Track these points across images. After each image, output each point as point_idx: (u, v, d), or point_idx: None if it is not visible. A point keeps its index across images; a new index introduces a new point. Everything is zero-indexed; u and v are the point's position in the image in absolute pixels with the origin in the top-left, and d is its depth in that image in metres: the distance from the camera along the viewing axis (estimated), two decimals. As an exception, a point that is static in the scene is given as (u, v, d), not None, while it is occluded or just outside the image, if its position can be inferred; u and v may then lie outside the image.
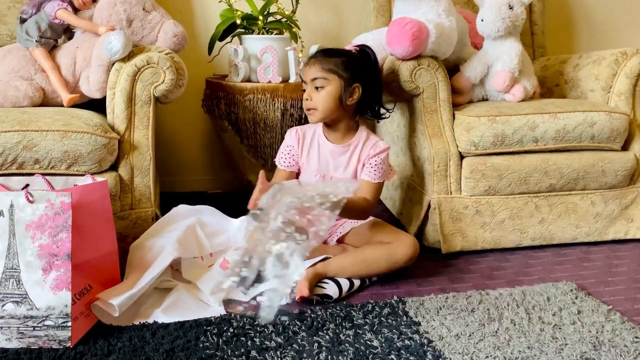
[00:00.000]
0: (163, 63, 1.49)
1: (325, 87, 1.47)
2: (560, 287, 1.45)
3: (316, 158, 1.55)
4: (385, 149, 1.53)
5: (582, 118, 1.69)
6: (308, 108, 1.49)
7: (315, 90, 1.48)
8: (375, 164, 1.52)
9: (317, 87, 1.47)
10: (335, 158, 1.54)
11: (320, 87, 1.47)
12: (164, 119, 2.23)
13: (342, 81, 1.48)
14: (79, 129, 1.39)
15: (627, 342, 1.20)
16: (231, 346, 1.17)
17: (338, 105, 1.49)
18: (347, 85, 1.48)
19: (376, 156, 1.52)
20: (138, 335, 1.19)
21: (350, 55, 1.52)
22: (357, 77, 1.49)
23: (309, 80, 1.48)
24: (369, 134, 1.56)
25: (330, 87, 1.47)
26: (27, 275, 1.14)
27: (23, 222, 1.14)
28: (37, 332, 1.13)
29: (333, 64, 1.47)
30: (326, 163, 1.55)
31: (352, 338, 1.20)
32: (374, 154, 1.52)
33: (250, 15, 1.95)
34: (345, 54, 1.51)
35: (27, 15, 1.63)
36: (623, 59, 1.80)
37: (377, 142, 1.54)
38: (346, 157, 1.54)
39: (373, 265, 1.45)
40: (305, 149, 1.57)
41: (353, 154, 1.54)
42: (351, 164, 1.54)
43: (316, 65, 1.47)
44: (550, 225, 1.75)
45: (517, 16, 1.77)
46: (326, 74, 1.47)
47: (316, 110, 1.48)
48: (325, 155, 1.55)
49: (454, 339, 1.20)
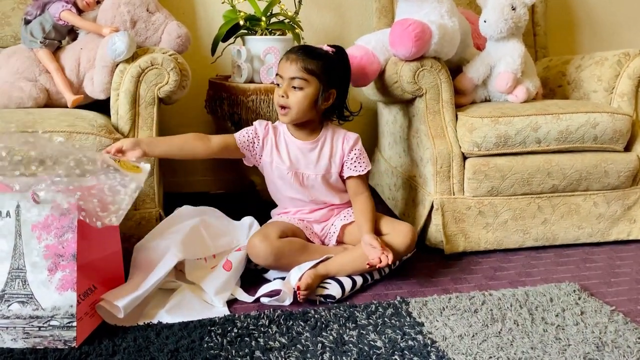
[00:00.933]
0: (167, 64, 1.50)
1: (304, 89, 1.43)
2: (563, 287, 1.45)
3: (286, 156, 1.52)
4: (357, 139, 1.54)
5: (584, 119, 1.69)
6: (282, 105, 1.45)
7: (293, 90, 1.44)
8: (355, 157, 1.52)
9: (295, 86, 1.43)
10: (305, 155, 1.53)
11: (298, 88, 1.43)
12: (167, 120, 2.23)
13: (320, 85, 1.44)
14: (84, 130, 1.39)
15: (630, 342, 1.20)
16: (235, 346, 1.17)
17: (312, 108, 1.46)
18: (324, 90, 1.45)
19: (353, 149, 1.52)
20: (143, 336, 1.20)
21: (331, 59, 1.48)
22: (334, 81, 1.48)
23: (287, 77, 1.44)
24: (335, 129, 1.55)
25: (309, 89, 1.44)
26: (33, 275, 1.14)
27: (29, 223, 1.15)
28: (42, 332, 1.14)
29: (315, 65, 1.43)
30: (297, 160, 1.53)
31: (355, 338, 1.21)
32: (350, 148, 1.52)
33: (253, 16, 1.95)
34: (327, 57, 1.47)
35: (31, 16, 1.63)
36: (626, 60, 1.80)
37: (346, 134, 1.54)
38: (315, 153, 1.52)
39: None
40: (270, 144, 1.52)
41: (323, 149, 1.52)
42: (322, 160, 1.52)
43: (297, 64, 1.42)
44: (553, 226, 1.75)
45: (519, 17, 1.78)
46: (307, 75, 1.43)
47: (290, 109, 1.44)
48: (294, 152, 1.53)
49: (458, 339, 1.21)
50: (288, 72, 1.43)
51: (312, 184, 1.54)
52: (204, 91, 2.03)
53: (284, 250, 1.42)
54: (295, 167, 1.53)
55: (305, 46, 1.52)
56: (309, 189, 1.55)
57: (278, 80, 1.47)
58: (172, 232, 1.45)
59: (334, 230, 1.57)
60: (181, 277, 1.42)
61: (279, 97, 1.45)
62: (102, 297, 1.25)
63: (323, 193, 1.55)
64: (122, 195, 1.18)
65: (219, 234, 1.52)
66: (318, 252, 1.48)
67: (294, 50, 1.47)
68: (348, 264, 1.44)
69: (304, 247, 1.47)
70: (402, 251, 1.49)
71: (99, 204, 1.15)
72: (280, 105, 1.45)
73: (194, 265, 1.42)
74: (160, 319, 1.27)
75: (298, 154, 1.52)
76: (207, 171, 2.36)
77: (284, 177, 1.53)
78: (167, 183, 2.22)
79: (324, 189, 1.55)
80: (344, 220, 1.56)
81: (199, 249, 1.44)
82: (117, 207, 1.16)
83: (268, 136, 1.53)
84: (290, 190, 1.56)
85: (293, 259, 1.43)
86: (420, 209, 1.75)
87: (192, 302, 1.34)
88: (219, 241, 1.50)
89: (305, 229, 1.56)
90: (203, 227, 1.49)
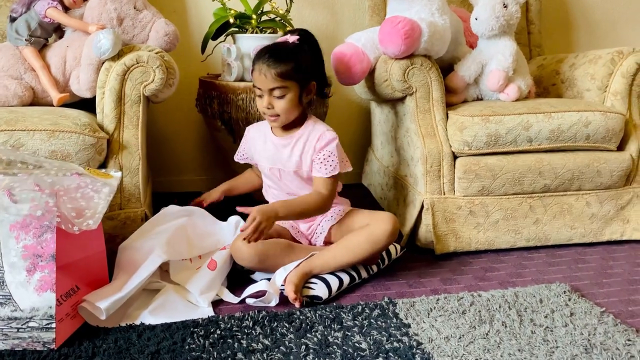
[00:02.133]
0: (153, 62, 1.48)
1: (285, 95, 1.43)
2: (553, 288, 1.43)
3: (266, 152, 1.55)
4: (331, 140, 1.48)
5: (576, 118, 1.67)
6: (270, 115, 1.46)
7: (275, 99, 1.43)
8: (323, 158, 1.47)
9: (277, 96, 1.43)
10: (279, 150, 1.52)
11: (279, 96, 1.43)
12: (157, 118, 2.22)
13: (299, 84, 1.44)
14: (67, 128, 1.37)
15: (619, 344, 1.18)
16: (217, 348, 1.15)
17: (298, 106, 1.47)
18: (303, 87, 1.46)
19: (323, 150, 1.47)
20: (124, 337, 1.18)
21: (300, 52, 1.45)
22: (310, 74, 1.47)
23: (265, 89, 1.43)
24: (315, 123, 1.52)
25: (290, 93, 1.44)
26: (11, 276, 1.13)
27: (7, 223, 1.13)
28: (21, 334, 1.12)
29: (287, 68, 1.41)
30: (275, 156, 1.54)
31: (340, 340, 1.19)
32: (320, 147, 1.47)
33: (244, 14, 1.94)
34: (295, 53, 1.43)
35: (17, 14, 1.62)
36: (619, 58, 1.78)
37: (323, 133, 1.49)
38: (288, 149, 1.51)
39: (356, 250, 1.42)
40: (257, 144, 1.58)
41: (295, 145, 1.50)
42: (293, 156, 1.51)
43: (270, 74, 1.40)
44: (545, 226, 1.73)
45: (511, 15, 1.76)
46: (284, 82, 1.41)
47: (279, 116, 1.46)
48: (271, 148, 1.54)
49: (444, 341, 1.19)
50: (265, 84, 1.42)
51: (288, 178, 1.54)
52: (194, 89, 2.02)
53: (269, 252, 1.40)
54: (272, 163, 1.54)
55: (271, 49, 1.44)
56: (286, 184, 1.55)
57: (257, 91, 1.46)
58: (157, 232, 1.43)
59: (320, 231, 1.55)
60: (166, 278, 1.40)
61: (266, 109, 1.45)
62: (84, 298, 1.23)
63: (301, 188, 1.54)
64: (96, 200, 1.16)
65: (205, 235, 1.50)
66: (304, 252, 1.46)
67: (261, 58, 1.43)
68: (331, 259, 1.42)
69: (289, 248, 1.45)
70: (385, 238, 1.44)
71: (74, 210, 1.13)
72: (269, 115, 1.47)
73: (179, 266, 1.41)
74: (144, 320, 1.25)
75: (273, 149, 1.54)
76: (198, 170, 2.35)
77: (266, 174, 1.58)
78: (157, 183, 2.21)
79: (301, 185, 1.54)
80: (331, 220, 1.54)
81: (184, 249, 1.42)
82: (92, 212, 1.14)
83: (250, 137, 1.61)
84: (272, 187, 1.59)
85: (278, 260, 1.41)
86: (410, 209, 1.73)
87: (176, 303, 1.32)
88: (205, 242, 1.48)
89: (292, 228, 1.54)
90: (189, 227, 1.48)
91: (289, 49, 1.44)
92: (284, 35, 1.51)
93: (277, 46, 1.46)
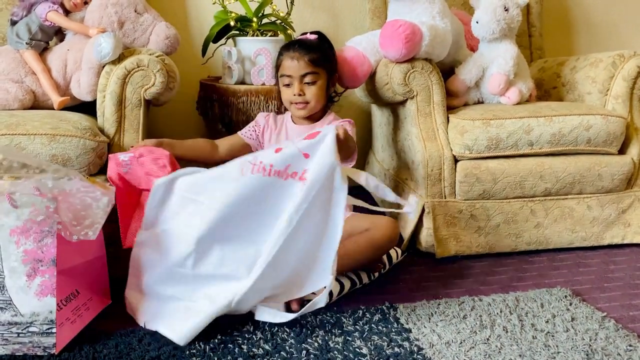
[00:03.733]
0: (153, 66, 1.48)
1: (317, 82, 1.51)
2: (554, 293, 1.43)
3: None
4: (349, 122, 1.53)
5: (577, 121, 1.67)
6: (299, 102, 1.52)
7: (306, 85, 1.51)
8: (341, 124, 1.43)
9: (308, 82, 1.51)
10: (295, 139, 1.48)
11: (311, 82, 1.51)
12: (157, 120, 2.22)
13: (327, 72, 1.54)
14: (68, 132, 1.37)
15: (621, 350, 1.18)
16: (218, 353, 1.15)
17: (325, 96, 1.56)
18: (331, 76, 1.56)
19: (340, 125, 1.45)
20: (124, 342, 1.18)
21: (323, 45, 1.56)
22: (334, 65, 1.58)
23: (297, 75, 1.50)
24: (336, 117, 1.60)
25: (321, 80, 1.52)
26: (11, 281, 1.13)
27: (7, 228, 1.13)
28: (21, 339, 1.12)
29: (318, 56, 1.51)
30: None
31: (341, 345, 1.19)
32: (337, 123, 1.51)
33: (245, 17, 1.94)
34: (320, 45, 1.54)
35: (17, 17, 1.62)
36: (620, 62, 1.77)
37: (342, 120, 1.55)
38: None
39: (357, 256, 1.41)
40: (270, 133, 1.61)
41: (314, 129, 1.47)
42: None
43: (304, 60, 1.49)
44: (546, 229, 1.73)
45: (512, 18, 1.75)
46: (316, 67, 1.50)
47: (308, 104, 1.52)
48: (293, 138, 1.52)
49: (445, 346, 1.19)
50: (298, 70, 1.50)
51: None
52: (195, 92, 2.01)
53: None
54: None
55: (298, 41, 1.54)
56: None
57: (286, 80, 1.52)
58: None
59: None
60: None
61: (296, 96, 1.51)
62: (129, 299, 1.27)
63: None
64: (95, 209, 1.16)
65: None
66: None
67: (291, 48, 1.52)
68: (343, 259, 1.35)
69: None
70: (385, 244, 1.44)
71: (74, 217, 1.13)
72: (299, 102, 1.52)
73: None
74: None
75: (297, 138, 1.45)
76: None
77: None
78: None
79: None
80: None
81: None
82: (91, 221, 1.14)
83: (268, 125, 1.63)
84: None
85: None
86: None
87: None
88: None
89: None
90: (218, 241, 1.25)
91: (315, 43, 1.54)
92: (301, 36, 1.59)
93: (302, 40, 1.55)
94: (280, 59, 1.54)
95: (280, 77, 1.55)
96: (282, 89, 1.55)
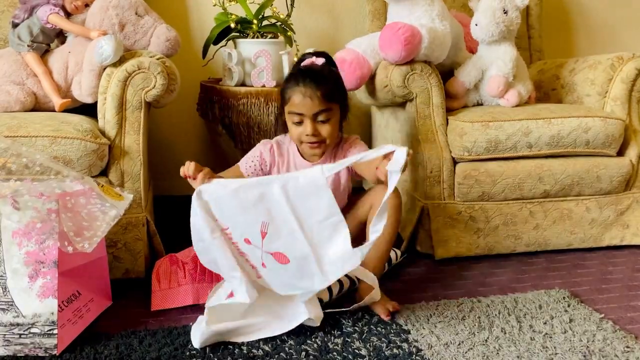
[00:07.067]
0: (154, 68, 1.49)
1: (331, 119, 1.36)
2: (552, 294, 1.44)
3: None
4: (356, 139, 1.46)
5: (576, 124, 1.67)
6: (314, 142, 1.37)
7: (320, 124, 1.35)
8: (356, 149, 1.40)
9: (322, 120, 1.35)
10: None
11: (325, 120, 1.35)
12: (158, 122, 2.22)
13: (340, 106, 1.39)
14: (69, 134, 1.38)
15: (618, 351, 1.19)
16: (218, 354, 1.16)
17: (338, 130, 1.41)
18: (342, 108, 1.41)
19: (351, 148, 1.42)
20: (125, 343, 1.19)
21: (333, 73, 1.41)
22: (345, 94, 1.43)
23: (310, 114, 1.34)
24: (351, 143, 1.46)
25: (335, 117, 1.37)
26: (13, 282, 1.13)
27: (10, 229, 1.14)
28: (23, 340, 1.13)
29: (331, 90, 1.34)
30: None
31: (340, 346, 1.19)
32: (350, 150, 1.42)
33: (245, 19, 1.94)
34: (331, 74, 1.39)
35: (19, 19, 1.62)
36: (619, 64, 1.78)
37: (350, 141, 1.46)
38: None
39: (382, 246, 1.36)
40: (278, 167, 1.46)
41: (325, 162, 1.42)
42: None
43: (317, 97, 1.32)
44: (545, 231, 1.74)
45: (511, 20, 1.76)
46: (329, 104, 1.35)
47: (324, 143, 1.38)
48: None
49: (443, 347, 1.20)
50: (311, 109, 1.33)
51: None
52: (196, 94, 2.02)
53: None
54: None
55: (309, 73, 1.36)
56: None
57: (296, 118, 1.36)
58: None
59: None
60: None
61: (309, 136, 1.35)
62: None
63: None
64: (100, 221, 1.16)
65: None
66: None
67: (300, 81, 1.34)
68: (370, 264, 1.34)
69: None
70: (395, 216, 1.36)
71: (74, 227, 1.13)
72: (313, 142, 1.37)
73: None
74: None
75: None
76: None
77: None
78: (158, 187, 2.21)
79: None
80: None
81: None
82: (92, 234, 1.14)
83: (275, 161, 1.46)
84: None
85: None
86: (410, 214, 1.73)
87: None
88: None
89: None
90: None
91: (325, 72, 1.38)
92: (304, 59, 1.43)
93: (309, 69, 1.38)
94: (289, 93, 1.36)
95: (288, 113, 1.38)
96: (290, 125, 1.39)
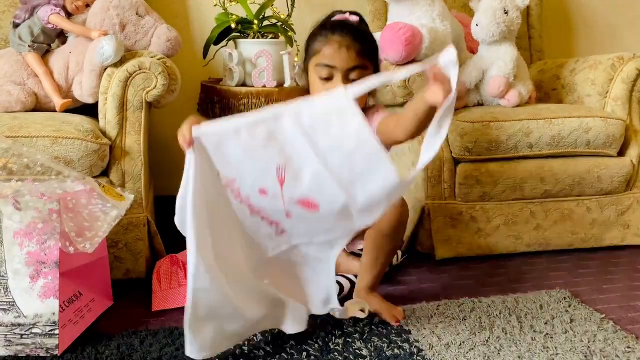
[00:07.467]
0: (155, 68, 1.49)
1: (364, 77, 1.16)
2: (553, 295, 1.44)
3: None
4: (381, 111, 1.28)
5: (577, 124, 1.68)
6: None
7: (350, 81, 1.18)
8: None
9: (354, 78, 1.19)
10: None
11: (357, 79, 1.18)
12: (159, 122, 2.22)
13: (374, 66, 1.25)
14: (70, 135, 1.38)
15: (619, 352, 1.19)
16: (219, 355, 1.16)
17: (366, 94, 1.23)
18: (376, 69, 1.26)
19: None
20: (126, 343, 1.19)
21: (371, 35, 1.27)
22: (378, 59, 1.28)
23: (343, 68, 1.19)
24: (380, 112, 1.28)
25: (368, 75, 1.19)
26: (15, 282, 1.13)
27: (11, 230, 1.14)
28: (24, 340, 1.13)
29: (368, 47, 1.21)
30: None
31: (341, 347, 1.19)
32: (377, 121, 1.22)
33: (246, 20, 1.94)
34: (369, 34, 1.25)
35: (20, 20, 1.62)
36: (620, 64, 1.78)
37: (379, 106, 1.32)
38: None
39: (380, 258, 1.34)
40: None
41: None
42: None
43: (354, 50, 1.18)
44: (546, 231, 1.74)
45: (512, 21, 1.76)
46: (365, 61, 1.20)
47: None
48: None
49: (444, 348, 1.20)
50: (346, 62, 1.18)
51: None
52: (196, 94, 2.02)
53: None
54: None
55: (346, 25, 1.23)
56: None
57: (325, 72, 1.20)
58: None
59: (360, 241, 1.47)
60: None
61: None
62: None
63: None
64: (101, 222, 1.16)
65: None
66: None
67: (336, 31, 1.20)
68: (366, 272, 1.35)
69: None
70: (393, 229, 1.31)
71: (75, 228, 1.13)
72: None
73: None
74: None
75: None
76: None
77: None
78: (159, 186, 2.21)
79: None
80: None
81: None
82: (93, 234, 1.14)
83: None
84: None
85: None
86: (411, 215, 1.73)
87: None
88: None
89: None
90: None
91: (364, 29, 1.26)
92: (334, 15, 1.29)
93: (345, 22, 1.24)
94: (318, 45, 1.21)
95: (316, 66, 1.22)
96: (316, 81, 1.22)
